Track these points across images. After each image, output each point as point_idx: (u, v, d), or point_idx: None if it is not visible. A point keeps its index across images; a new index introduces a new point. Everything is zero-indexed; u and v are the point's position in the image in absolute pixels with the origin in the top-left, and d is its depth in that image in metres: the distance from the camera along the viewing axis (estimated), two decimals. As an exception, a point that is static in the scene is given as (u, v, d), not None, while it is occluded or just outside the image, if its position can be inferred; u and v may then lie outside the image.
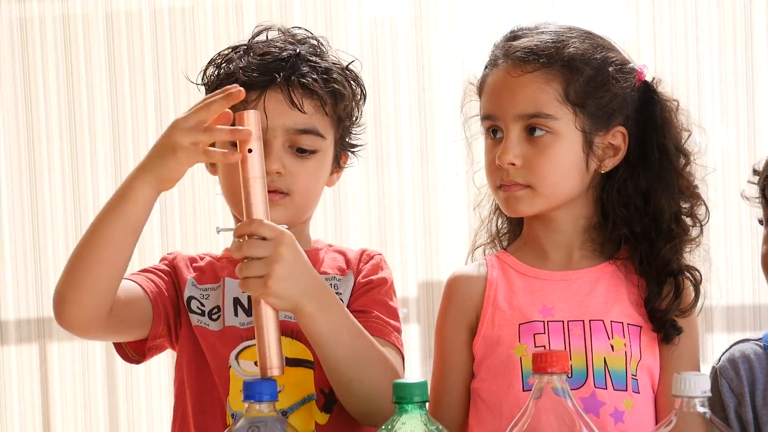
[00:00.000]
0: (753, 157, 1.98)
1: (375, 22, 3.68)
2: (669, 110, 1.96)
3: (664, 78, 1.98)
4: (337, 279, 1.98)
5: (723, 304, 3.51)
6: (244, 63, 1.95)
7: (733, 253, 3.29)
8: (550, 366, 1.55)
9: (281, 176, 1.91)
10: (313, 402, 1.89)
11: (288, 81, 1.92)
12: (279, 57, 1.95)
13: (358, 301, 1.95)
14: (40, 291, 3.79)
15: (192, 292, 1.97)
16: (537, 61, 1.88)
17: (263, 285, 1.67)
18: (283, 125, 1.91)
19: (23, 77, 3.76)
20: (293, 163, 1.92)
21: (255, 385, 1.59)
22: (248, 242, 1.68)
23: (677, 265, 1.92)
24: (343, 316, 1.78)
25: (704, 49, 3.61)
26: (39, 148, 3.77)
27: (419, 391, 1.53)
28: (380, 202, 3.67)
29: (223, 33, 3.69)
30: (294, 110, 1.92)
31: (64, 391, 3.82)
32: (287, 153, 1.92)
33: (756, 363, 1.95)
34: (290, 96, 1.92)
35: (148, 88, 3.73)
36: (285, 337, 1.85)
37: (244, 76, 1.92)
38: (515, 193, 1.90)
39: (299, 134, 1.92)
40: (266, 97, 1.92)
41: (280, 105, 1.92)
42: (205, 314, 1.95)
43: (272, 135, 1.90)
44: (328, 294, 1.77)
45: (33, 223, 3.79)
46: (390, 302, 1.97)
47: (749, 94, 3.59)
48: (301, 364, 1.89)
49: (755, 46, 3.60)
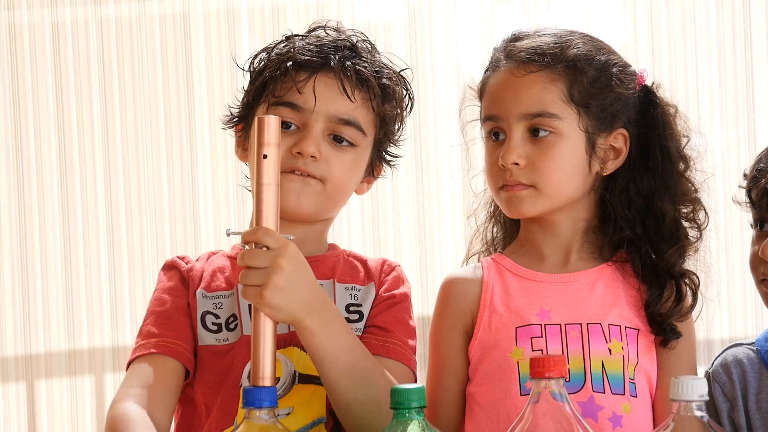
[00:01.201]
0: (751, 159, 1.99)
1: (369, 27, 3.67)
2: (668, 114, 1.97)
3: (663, 82, 1.99)
4: (357, 289, 1.95)
5: (725, 309, 3.51)
6: (299, 45, 1.93)
7: (734, 258, 3.28)
8: (548, 371, 1.54)
9: (316, 161, 1.88)
10: (323, 425, 1.85)
11: (342, 66, 1.91)
12: (335, 45, 1.94)
13: (380, 316, 1.92)
14: (27, 327, 3.74)
15: (204, 306, 1.92)
16: (541, 60, 1.88)
17: (259, 295, 1.66)
18: (327, 111, 1.89)
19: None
20: (330, 152, 1.90)
21: (255, 391, 1.57)
22: (250, 251, 1.68)
23: (680, 269, 1.92)
24: (344, 334, 1.76)
25: (702, 53, 3.61)
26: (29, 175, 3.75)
27: (417, 396, 1.52)
28: (375, 208, 3.66)
29: (223, 38, 3.68)
30: (343, 97, 1.90)
31: (52, 431, 3.76)
32: (325, 140, 1.90)
33: (749, 367, 1.96)
34: (342, 82, 1.90)
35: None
36: (299, 350, 1.84)
37: (298, 54, 1.91)
38: (518, 193, 1.89)
39: (341, 124, 1.90)
40: (317, 78, 1.90)
41: (329, 90, 1.90)
42: (221, 327, 1.90)
43: (315, 119, 1.89)
44: (330, 310, 1.76)
45: (21, 258, 3.75)
46: (410, 321, 1.95)
47: (748, 98, 3.60)
48: (312, 380, 1.85)
49: (754, 49, 3.60)
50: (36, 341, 3.73)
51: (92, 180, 3.73)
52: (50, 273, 3.74)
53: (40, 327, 3.73)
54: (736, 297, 3.57)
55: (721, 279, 3.40)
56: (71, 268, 3.72)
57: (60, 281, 3.72)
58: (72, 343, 3.72)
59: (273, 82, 1.91)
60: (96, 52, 3.73)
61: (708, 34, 3.62)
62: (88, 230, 3.72)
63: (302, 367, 1.85)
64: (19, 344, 3.73)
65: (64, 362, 3.73)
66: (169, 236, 3.71)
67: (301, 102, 1.89)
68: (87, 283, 3.72)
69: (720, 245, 2.06)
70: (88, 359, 3.73)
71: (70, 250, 3.72)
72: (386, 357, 1.85)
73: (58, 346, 3.73)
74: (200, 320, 1.91)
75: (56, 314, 3.73)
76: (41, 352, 3.73)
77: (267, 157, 1.68)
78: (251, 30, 3.69)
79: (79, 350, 3.73)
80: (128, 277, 3.71)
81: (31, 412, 3.75)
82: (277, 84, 1.91)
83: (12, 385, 3.75)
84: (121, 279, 3.72)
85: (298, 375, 1.83)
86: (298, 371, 1.84)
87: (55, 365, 3.72)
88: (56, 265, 3.73)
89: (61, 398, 3.75)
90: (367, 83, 1.91)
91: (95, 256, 3.73)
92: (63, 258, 3.73)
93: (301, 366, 1.84)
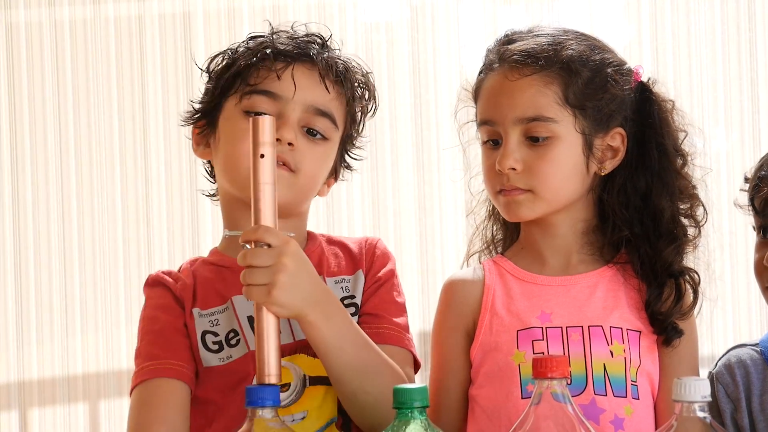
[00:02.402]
0: (755, 160, 1.99)
1: (371, 27, 3.67)
2: (665, 110, 1.96)
3: (666, 81, 1.98)
4: (346, 280, 1.95)
5: (728, 308, 3.50)
6: (274, 37, 1.94)
7: (739, 257, 3.27)
8: (550, 371, 1.53)
9: (292, 150, 1.88)
10: (334, 425, 1.85)
11: (321, 56, 1.91)
12: (308, 39, 1.95)
13: (369, 302, 1.93)
14: (21, 353, 3.71)
15: (202, 325, 1.89)
16: (535, 63, 1.87)
17: (267, 294, 1.66)
18: (305, 100, 1.89)
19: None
20: (303, 143, 1.90)
21: (258, 390, 1.57)
22: (252, 251, 1.68)
23: (678, 266, 1.91)
24: (347, 324, 1.76)
25: (706, 54, 3.61)
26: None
27: (420, 396, 1.51)
28: (376, 208, 3.66)
29: (224, 37, 3.67)
30: (320, 87, 1.90)
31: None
32: (300, 132, 1.90)
33: (752, 368, 1.95)
34: (320, 72, 1.90)
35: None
36: (305, 356, 1.84)
37: (278, 44, 1.91)
38: (516, 197, 1.89)
39: (317, 115, 1.90)
40: (295, 67, 1.90)
41: (308, 79, 1.90)
42: (222, 345, 1.88)
43: (292, 108, 1.88)
44: (332, 302, 1.76)
45: (16, 284, 3.73)
46: (397, 298, 1.95)
47: (752, 99, 3.59)
48: (322, 381, 1.84)
49: (758, 50, 3.60)
50: (30, 368, 3.70)
51: (89, 193, 3.72)
52: (44, 303, 3.72)
53: (34, 353, 3.71)
54: (741, 300, 3.56)
55: (724, 282, 3.40)
56: (66, 289, 3.71)
57: (55, 308, 3.70)
58: (66, 369, 3.69)
59: (247, 71, 1.91)
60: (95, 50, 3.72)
61: (712, 35, 3.62)
62: (84, 250, 3.71)
63: (311, 371, 1.84)
64: (12, 371, 3.70)
65: (58, 389, 3.70)
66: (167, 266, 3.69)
67: (278, 90, 1.89)
68: (82, 306, 3.70)
69: (722, 241, 2.05)
70: (83, 385, 3.70)
71: (66, 273, 3.71)
72: (382, 343, 1.85)
73: (52, 372, 3.70)
74: (201, 341, 1.88)
75: (50, 338, 3.70)
76: (35, 379, 3.70)
77: (264, 156, 1.67)
78: (252, 29, 3.68)
79: (74, 376, 3.70)
80: (124, 300, 3.70)
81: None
82: (251, 72, 1.90)
83: (4, 413, 3.71)
84: (117, 303, 3.71)
85: (308, 378, 1.83)
86: (307, 375, 1.83)
87: (48, 392, 3.70)
88: (51, 295, 3.71)
89: (55, 426, 3.71)
90: (343, 76, 1.92)
91: (91, 280, 3.71)
92: (59, 284, 3.72)
93: (310, 370, 1.84)
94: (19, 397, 3.71)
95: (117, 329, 3.68)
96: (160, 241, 3.71)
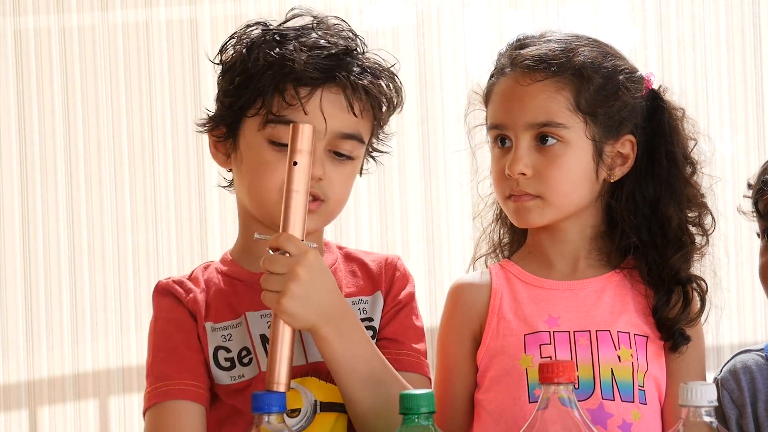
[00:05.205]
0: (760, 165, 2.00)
1: (378, 32, 3.67)
2: (675, 118, 1.95)
3: (672, 86, 1.98)
4: (364, 301, 1.90)
5: (735, 316, 3.50)
6: (294, 54, 1.79)
7: (744, 264, 3.28)
8: (557, 376, 1.54)
9: (320, 182, 1.80)
10: None
11: (348, 81, 1.80)
12: (333, 53, 1.81)
13: (389, 326, 1.88)
14: (30, 353, 3.72)
15: (215, 341, 1.83)
16: (548, 69, 1.87)
17: (277, 301, 1.66)
18: (332, 129, 1.79)
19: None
20: (331, 169, 1.81)
21: (264, 396, 1.56)
22: (271, 257, 1.67)
23: (686, 274, 1.91)
24: (362, 344, 1.74)
25: (712, 57, 3.61)
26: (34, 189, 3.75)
27: (426, 402, 1.51)
28: (383, 211, 3.66)
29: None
30: (348, 113, 1.80)
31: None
32: (327, 157, 1.81)
33: (758, 374, 1.96)
34: (348, 98, 1.80)
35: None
36: (317, 380, 1.80)
37: (300, 62, 1.77)
38: (525, 203, 1.88)
39: (343, 138, 1.81)
40: (321, 95, 1.79)
41: (333, 106, 1.79)
42: (234, 362, 1.82)
43: (318, 137, 1.77)
44: (349, 319, 1.73)
45: (25, 284, 3.74)
46: (416, 322, 1.90)
47: (758, 103, 3.59)
48: (333, 408, 1.80)
49: (763, 54, 3.59)
50: (39, 367, 3.71)
51: (98, 196, 3.74)
52: (54, 302, 3.73)
53: (43, 353, 3.73)
54: (746, 304, 3.56)
55: (730, 288, 3.40)
56: (76, 287, 3.72)
57: (65, 306, 3.72)
58: (76, 366, 3.70)
59: (269, 95, 1.79)
60: (103, 57, 3.73)
61: (717, 39, 3.62)
62: (94, 250, 3.72)
63: (323, 396, 1.80)
64: (22, 370, 3.70)
65: (69, 386, 3.71)
66: (176, 262, 3.71)
67: (305, 121, 1.76)
68: (92, 303, 3.72)
69: (728, 250, 2.05)
70: (92, 382, 3.71)
71: (75, 270, 3.72)
72: (402, 371, 1.81)
73: (62, 370, 3.70)
74: (213, 357, 1.82)
75: (59, 336, 3.71)
76: (44, 377, 3.72)
77: (297, 164, 1.67)
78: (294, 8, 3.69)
79: (83, 373, 3.71)
80: (134, 297, 3.71)
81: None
82: (273, 97, 1.79)
83: (14, 413, 3.72)
84: (126, 300, 3.72)
85: (319, 404, 1.79)
86: (318, 400, 1.79)
87: (57, 390, 3.71)
88: (61, 293, 3.73)
89: (65, 425, 3.71)
90: (370, 94, 1.83)
91: (101, 277, 3.72)
92: (69, 276, 3.73)
93: (321, 395, 1.80)
94: (28, 396, 3.72)
95: (126, 325, 3.70)
96: (168, 241, 3.71)
